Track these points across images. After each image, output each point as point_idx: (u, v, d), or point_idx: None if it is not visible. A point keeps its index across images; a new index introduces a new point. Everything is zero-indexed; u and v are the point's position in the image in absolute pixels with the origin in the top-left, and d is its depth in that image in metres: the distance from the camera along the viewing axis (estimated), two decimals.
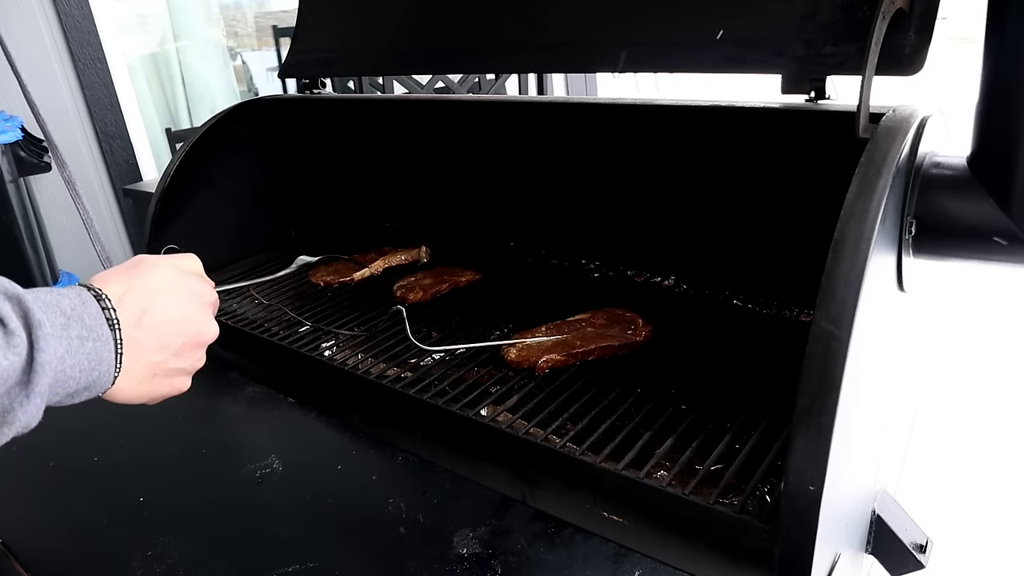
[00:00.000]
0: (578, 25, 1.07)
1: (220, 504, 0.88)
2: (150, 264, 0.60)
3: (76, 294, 0.53)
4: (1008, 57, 0.69)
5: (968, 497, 1.88)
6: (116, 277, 0.58)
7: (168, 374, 0.60)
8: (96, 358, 0.52)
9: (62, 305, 0.51)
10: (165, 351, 0.59)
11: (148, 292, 0.58)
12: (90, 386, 0.53)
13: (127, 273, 0.59)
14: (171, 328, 0.59)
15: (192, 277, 0.64)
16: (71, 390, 0.52)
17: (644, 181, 1.28)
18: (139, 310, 0.56)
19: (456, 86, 2.67)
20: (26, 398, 0.47)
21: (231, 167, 1.51)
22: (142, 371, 0.57)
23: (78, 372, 0.51)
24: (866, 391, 0.70)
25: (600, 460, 0.81)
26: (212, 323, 0.65)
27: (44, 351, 0.47)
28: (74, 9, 2.34)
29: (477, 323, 1.20)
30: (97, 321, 0.53)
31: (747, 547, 0.72)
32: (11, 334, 0.46)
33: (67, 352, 0.50)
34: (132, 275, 0.58)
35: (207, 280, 0.67)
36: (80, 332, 0.51)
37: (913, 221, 0.73)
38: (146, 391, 0.59)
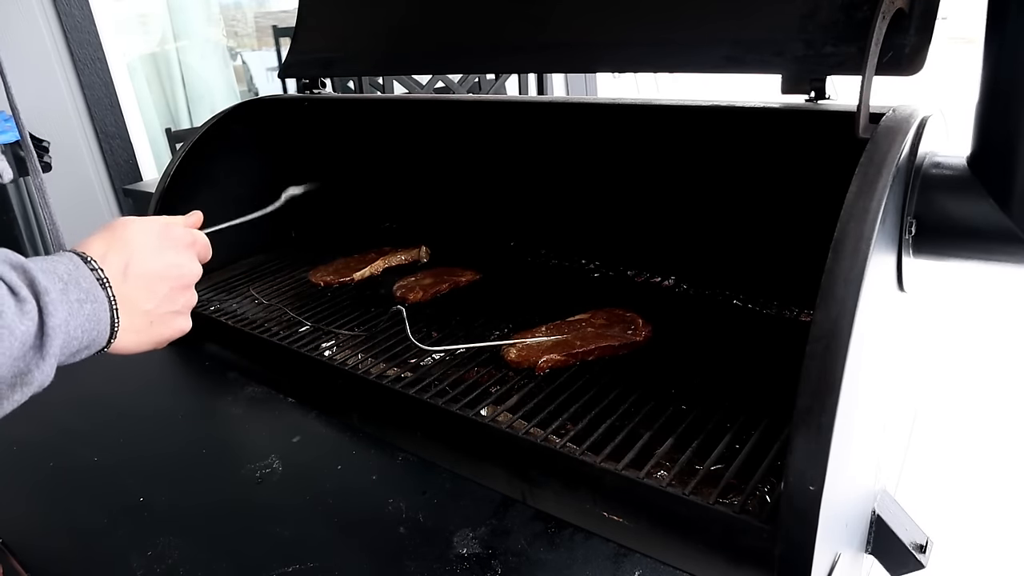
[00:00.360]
0: (578, 25, 1.07)
1: (220, 504, 0.88)
2: (124, 223, 0.64)
3: (68, 259, 0.56)
4: (1008, 57, 0.69)
5: (968, 497, 1.88)
6: (95, 240, 0.61)
7: (164, 319, 0.64)
8: (95, 318, 0.56)
9: (59, 271, 0.54)
10: (154, 298, 0.62)
11: (126, 246, 0.61)
12: (90, 344, 0.56)
13: (105, 234, 0.62)
14: (154, 276, 0.62)
15: (165, 225, 0.67)
16: (74, 350, 0.55)
17: (644, 181, 1.28)
18: (122, 265, 0.60)
19: (456, 86, 2.67)
20: (41, 359, 0.50)
21: (231, 167, 1.51)
22: (139, 321, 0.61)
23: (80, 332, 0.54)
24: (866, 391, 0.70)
25: (600, 460, 0.81)
26: (194, 263, 0.68)
27: (53, 315, 0.51)
28: (74, 9, 2.34)
29: (477, 323, 1.20)
30: (91, 283, 0.56)
31: (747, 547, 0.72)
32: (23, 301, 0.49)
33: (69, 314, 0.53)
34: (109, 235, 0.62)
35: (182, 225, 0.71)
36: (78, 295, 0.54)
37: (913, 221, 0.73)
38: (148, 338, 0.63)
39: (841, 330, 0.60)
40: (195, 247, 0.70)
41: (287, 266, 1.53)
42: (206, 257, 0.72)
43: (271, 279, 1.47)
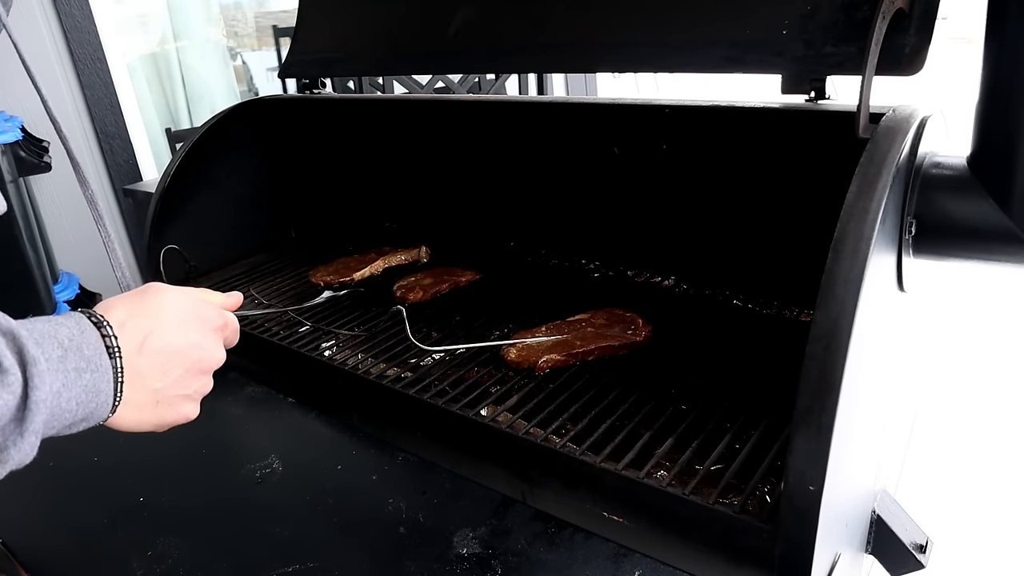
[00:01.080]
0: (578, 25, 1.07)
1: (220, 504, 0.88)
2: (156, 289, 0.60)
3: (75, 323, 0.52)
4: (1008, 57, 0.69)
5: (968, 497, 1.88)
6: (120, 303, 0.57)
7: (172, 401, 0.59)
8: (94, 389, 0.51)
9: (59, 336, 0.50)
10: (166, 377, 0.58)
11: (151, 317, 0.57)
12: (87, 417, 0.52)
13: (131, 299, 0.58)
14: (173, 354, 0.58)
15: (198, 302, 0.63)
16: (67, 423, 0.51)
17: (644, 181, 1.27)
18: (141, 335, 0.56)
19: (456, 86, 2.67)
20: (20, 436, 0.46)
21: (231, 167, 1.51)
22: (143, 398, 0.56)
23: (75, 405, 0.50)
24: (866, 391, 0.70)
25: (600, 460, 0.81)
26: (218, 348, 0.63)
27: (39, 388, 0.46)
28: (74, 9, 2.34)
29: (477, 323, 1.20)
30: (96, 351, 0.52)
31: (747, 547, 0.72)
32: (5, 372, 0.45)
33: (63, 386, 0.49)
34: (136, 300, 0.58)
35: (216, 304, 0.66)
36: (78, 364, 0.50)
37: (913, 221, 0.73)
38: (149, 419, 0.58)
39: (841, 330, 0.60)
40: (224, 331, 0.65)
41: (287, 266, 1.53)
42: (233, 342, 0.67)
43: (271, 279, 1.47)
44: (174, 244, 1.41)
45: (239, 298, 0.71)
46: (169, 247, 1.40)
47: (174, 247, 1.41)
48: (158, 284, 0.61)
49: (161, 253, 1.38)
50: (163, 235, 1.39)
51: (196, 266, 1.47)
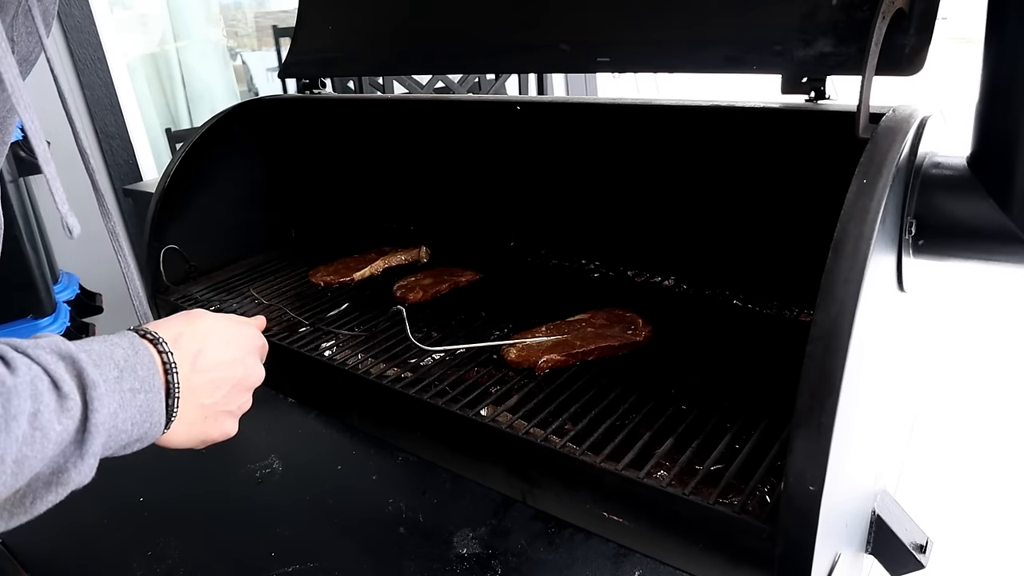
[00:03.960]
0: (578, 25, 1.07)
1: (220, 504, 0.88)
2: (200, 312, 0.62)
3: (129, 343, 0.53)
4: (1008, 57, 0.69)
5: (968, 497, 1.88)
6: (169, 323, 0.59)
7: (217, 417, 0.61)
8: (147, 409, 0.52)
9: (115, 356, 0.51)
10: (216, 394, 0.59)
11: (200, 335, 0.59)
12: (142, 437, 0.53)
13: (179, 320, 0.60)
14: (222, 371, 0.60)
15: (240, 322, 0.66)
16: (123, 443, 0.52)
17: (644, 181, 1.28)
18: (193, 352, 0.57)
19: (456, 86, 2.67)
20: (80, 459, 0.47)
21: (231, 167, 1.51)
22: (194, 414, 0.58)
23: (130, 425, 0.51)
24: (866, 391, 0.70)
25: (600, 460, 0.81)
26: (259, 367, 0.67)
27: (98, 411, 0.47)
28: (74, 9, 2.34)
29: (477, 323, 1.20)
30: (149, 371, 0.53)
31: (747, 547, 0.72)
32: (65, 397, 0.46)
33: (120, 407, 0.50)
34: (183, 321, 0.60)
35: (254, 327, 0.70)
36: (132, 384, 0.51)
37: (913, 221, 0.73)
38: (196, 434, 0.60)
39: (841, 330, 0.60)
40: (261, 351, 0.69)
41: (287, 266, 1.53)
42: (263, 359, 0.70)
43: (271, 279, 1.47)
44: (174, 244, 1.41)
45: (263, 321, 0.76)
46: (169, 247, 1.40)
47: (174, 247, 1.41)
48: (199, 310, 0.64)
49: (161, 253, 1.38)
50: (163, 235, 1.39)
51: (196, 266, 1.47)
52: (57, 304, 2.05)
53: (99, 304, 2.38)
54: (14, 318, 1.93)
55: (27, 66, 0.64)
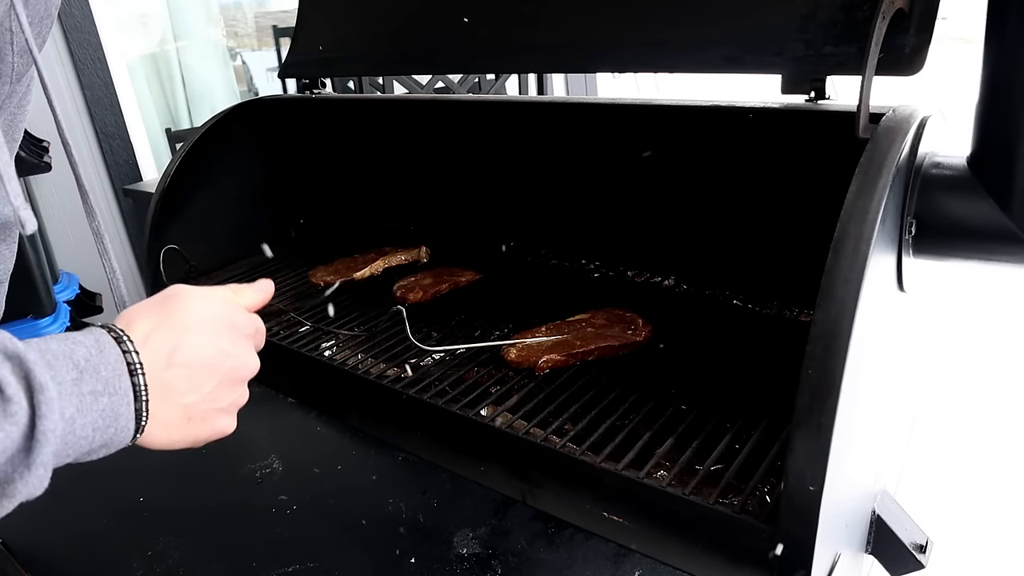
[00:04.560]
0: (578, 25, 1.07)
1: (220, 504, 0.88)
2: (181, 296, 0.55)
3: (94, 340, 0.49)
4: (1008, 57, 0.69)
5: (968, 497, 1.88)
6: (144, 313, 0.53)
7: (205, 416, 0.55)
8: (112, 413, 0.48)
9: (75, 356, 0.47)
10: (199, 391, 0.54)
11: (177, 327, 0.53)
12: (107, 443, 0.49)
13: (156, 308, 0.54)
14: (204, 366, 0.54)
15: (228, 306, 0.59)
16: (84, 450, 0.47)
17: (644, 181, 1.27)
18: (168, 348, 0.52)
19: (456, 86, 2.67)
20: (27, 469, 0.43)
21: (231, 167, 1.51)
22: (175, 414, 0.53)
23: (91, 431, 0.47)
24: (866, 391, 0.70)
25: (600, 460, 0.81)
26: (251, 356, 0.60)
27: (46, 417, 0.43)
28: (74, 9, 2.34)
29: (477, 323, 1.20)
30: (115, 372, 0.48)
31: (747, 547, 0.72)
32: (8, 401, 0.42)
33: (77, 411, 0.45)
34: (161, 310, 0.54)
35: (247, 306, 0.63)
36: (94, 386, 0.46)
37: (913, 221, 0.73)
38: (181, 436, 0.55)
39: (841, 330, 0.60)
40: (256, 336, 0.62)
41: (287, 266, 1.53)
42: (260, 345, 0.63)
43: (271, 279, 1.46)
44: (174, 244, 1.41)
45: (270, 288, 0.67)
46: (169, 247, 1.40)
47: (174, 247, 1.41)
48: (183, 288, 0.57)
49: (161, 253, 1.38)
50: (163, 235, 1.39)
51: (196, 266, 1.47)
52: (57, 304, 2.05)
53: (99, 304, 2.38)
54: (14, 318, 1.93)
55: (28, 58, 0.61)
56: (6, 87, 0.57)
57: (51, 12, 0.60)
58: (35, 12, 0.57)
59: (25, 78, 0.60)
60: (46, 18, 0.59)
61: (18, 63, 0.57)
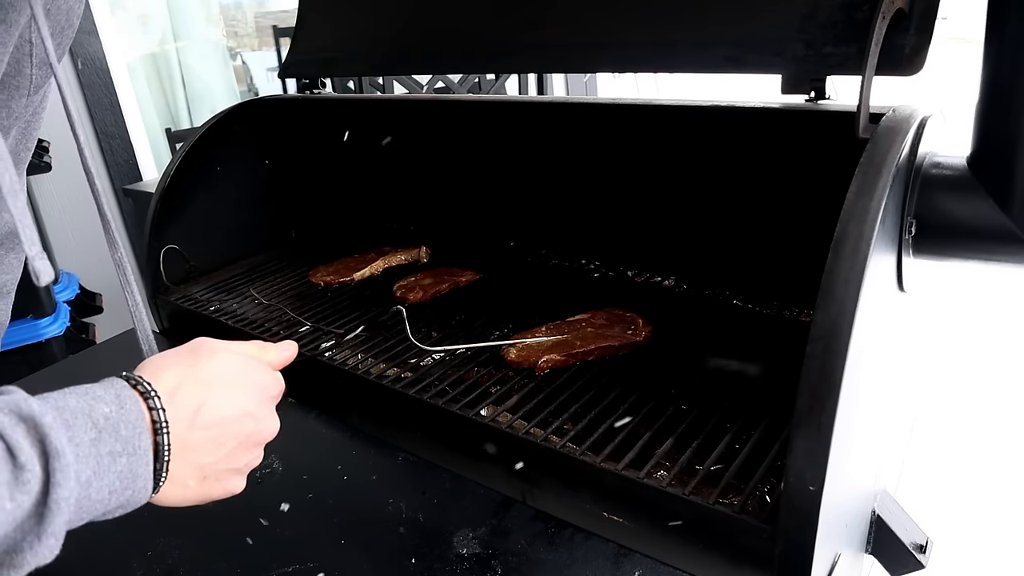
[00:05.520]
0: (578, 25, 1.07)
1: (220, 504, 0.88)
2: (209, 350, 0.54)
3: (115, 396, 0.46)
4: (1008, 57, 0.69)
5: (968, 497, 1.88)
6: (170, 367, 0.51)
7: (219, 476, 0.55)
8: (130, 475, 0.46)
9: (95, 414, 0.44)
10: (218, 452, 0.53)
11: (204, 384, 0.52)
12: (124, 504, 0.47)
13: (182, 361, 0.52)
14: (226, 427, 0.53)
15: (255, 365, 0.58)
16: (100, 512, 0.46)
17: (644, 181, 1.27)
18: (193, 406, 0.50)
19: (456, 86, 2.67)
20: (36, 539, 0.41)
21: (231, 167, 1.51)
22: (191, 474, 0.52)
23: (107, 494, 0.45)
24: (866, 391, 0.70)
25: (600, 460, 0.81)
26: (273, 419, 0.59)
27: (61, 486, 0.41)
28: None
29: (477, 323, 1.20)
30: (135, 431, 0.46)
31: (747, 547, 0.72)
32: (21, 469, 0.40)
33: (94, 474, 0.43)
34: (188, 363, 0.52)
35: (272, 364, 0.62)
36: (112, 447, 0.44)
37: (913, 221, 0.73)
38: (194, 494, 0.53)
39: (841, 330, 0.60)
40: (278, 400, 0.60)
41: (287, 266, 1.53)
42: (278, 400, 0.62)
43: (271, 279, 1.47)
44: (174, 244, 1.41)
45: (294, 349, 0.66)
46: (169, 247, 1.40)
47: (174, 247, 1.41)
48: (209, 342, 0.55)
49: (161, 253, 1.38)
50: (163, 235, 1.39)
51: (196, 266, 1.47)
52: (57, 304, 2.05)
53: (99, 304, 2.38)
54: (14, 318, 1.93)
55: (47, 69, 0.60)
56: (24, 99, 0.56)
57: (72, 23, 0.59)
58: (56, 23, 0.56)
59: (42, 90, 0.59)
60: (67, 28, 0.58)
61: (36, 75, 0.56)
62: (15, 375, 1.05)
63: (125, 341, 1.31)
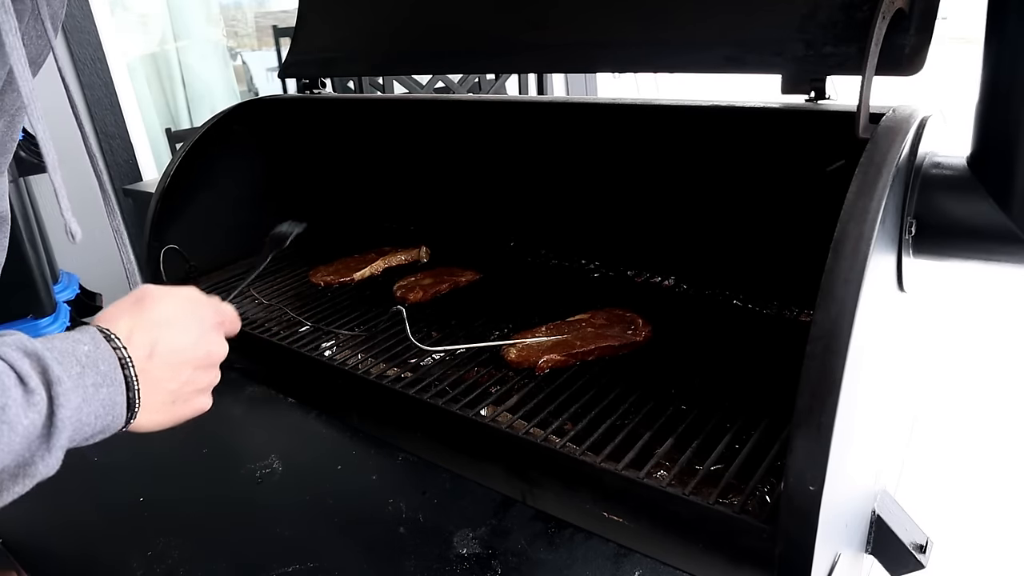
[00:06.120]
0: (578, 25, 1.07)
1: (220, 504, 0.88)
2: (152, 296, 0.61)
3: (90, 338, 0.54)
4: (1008, 57, 0.69)
5: (968, 497, 1.88)
6: (122, 314, 0.59)
7: (185, 397, 0.62)
8: (110, 403, 0.53)
9: (78, 353, 0.52)
10: (179, 378, 0.60)
11: (154, 325, 0.59)
12: (104, 429, 0.54)
13: (131, 309, 0.60)
14: (181, 355, 0.60)
15: (195, 302, 0.65)
16: (87, 435, 0.53)
17: (644, 181, 1.27)
18: (149, 343, 0.58)
19: (456, 86, 2.67)
20: (47, 452, 0.49)
21: (231, 167, 1.51)
22: (160, 400, 0.59)
23: (93, 419, 0.52)
24: (866, 391, 0.70)
25: (600, 460, 0.81)
26: (220, 343, 0.66)
27: (64, 407, 0.49)
28: (74, 9, 2.34)
29: (477, 323, 1.20)
30: (110, 365, 0.54)
31: (747, 547, 0.72)
32: (31, 392, 0.47)
33: (83, 401, 0.51)
34: (137, 310, 0.59)
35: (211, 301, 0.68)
36: (95, 379, 0.52)
37: (913, 221, 0.73)
38: (167, 417, 0.61)
39: (841, 330, 0.60)
40: (223, 326, 0.68)
41: (287, 266, 1.53)
42: (234, 330, 0.70)
43: (271, 279, 1.47)
44: (174, 244, 1.41)
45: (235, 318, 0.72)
46: (169, 247, 1.40)
47: (174, 247, 1.41)
48: (151, 288, 0.62)
49: (161, 253, 1.38)
50: (163, 235, 1.39)
51: (196, 266, 1.47)
52: (57, 304, 2.05)
53: (99, 304, 2.38)
54: (14, 318, 1.93)
55: (35, 68, 0.65)
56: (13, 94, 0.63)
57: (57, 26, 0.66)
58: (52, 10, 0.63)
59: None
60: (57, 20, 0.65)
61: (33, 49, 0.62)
62: None
63: None
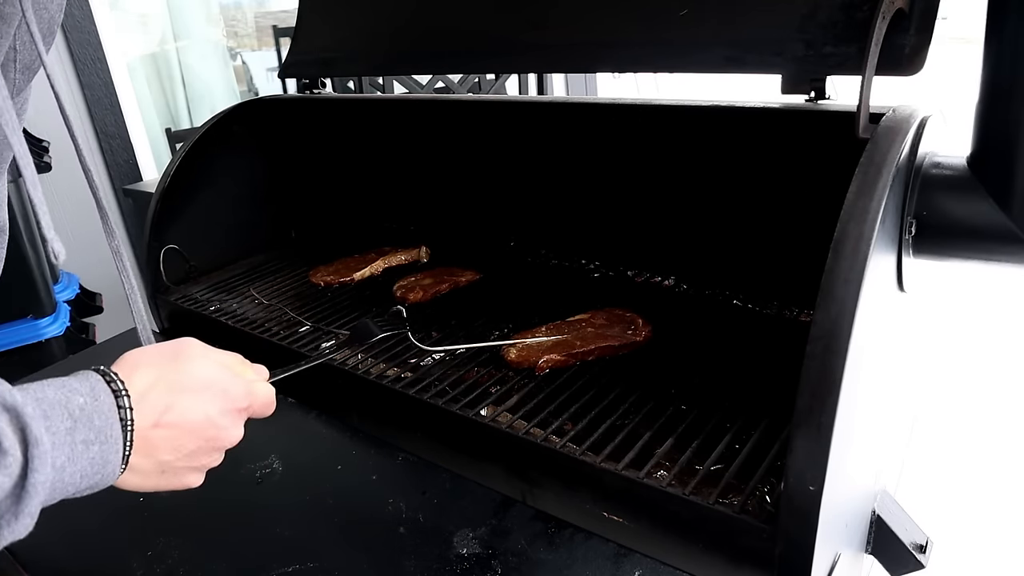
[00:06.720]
0: (578, 25, 1.07)
1: (220, 504, 0.88)
2: (187, 354, 0.58)
3: (89, 389, 0.50)
4: (1008, 57, 0.69)
5: (968, 497, 1.88)
6: (148, 366, 0.55)
7: (177, 472, 0.58)
8: (101, 461, 0.50)
9: (71, 405, 0.48)
10: (178, 452, 0.56)
11: (175, 388, 0.55)
12: (92, 487, 0.51)
13: (162, 363, 0.56)
14: (189, 430, 0.56)
15: (229, 376, 0.61)
16: (70, 493, 0.50)
17: (644, 181, 1.28)
18: (160, 408, 0.54)
19: (456, 86, 2.67)
20: (14, 517, 0.45)
21: (231, 167, 1.51)
22: (150, 467, 0.55)
23: (79, 478, 0.49)
24: (866, 391, 0.70)
25: (600, 460, 0.81)
26: (236, 428, 0.61)
27: (38, 471, 0.45)
28: (74, 9, 2.34)
29: (477, 323, 1.20)
30: (107, 421, 0.50)
31: (747, 547, 0.72)
32: (4, 454, 0.44)
33: (68, 460, 0.47)
34: (166, 365, 0.56)
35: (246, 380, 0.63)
36: (87, 436, 0.49)
37: (913, 221, 0.73)
38: (150, 483, 0.57)
39: (841, 330, 0.60)
40: (247, 412, 0.63)
41: (287, 266, 1.53)
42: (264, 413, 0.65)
43: (271, 279, 1.47)
44: (174, 244, 1.41)
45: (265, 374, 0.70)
46: (169, 247, 1.40)
47: (174, 247, 1.41)
48: (193, 345, 0.59)
49: (161, 253, 1.38)
50: (163, 235, 1.39)
51: (196, 266, 1.47)
52: (57, 304, 2.05)
53: (99, 304, 2.38)
54: (14, 318, 1.93)
55: (29, 74, 0.62)
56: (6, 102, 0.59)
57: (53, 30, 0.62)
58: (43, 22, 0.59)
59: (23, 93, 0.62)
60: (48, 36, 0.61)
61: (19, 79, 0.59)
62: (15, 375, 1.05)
63: (125, 341, 1.31)
